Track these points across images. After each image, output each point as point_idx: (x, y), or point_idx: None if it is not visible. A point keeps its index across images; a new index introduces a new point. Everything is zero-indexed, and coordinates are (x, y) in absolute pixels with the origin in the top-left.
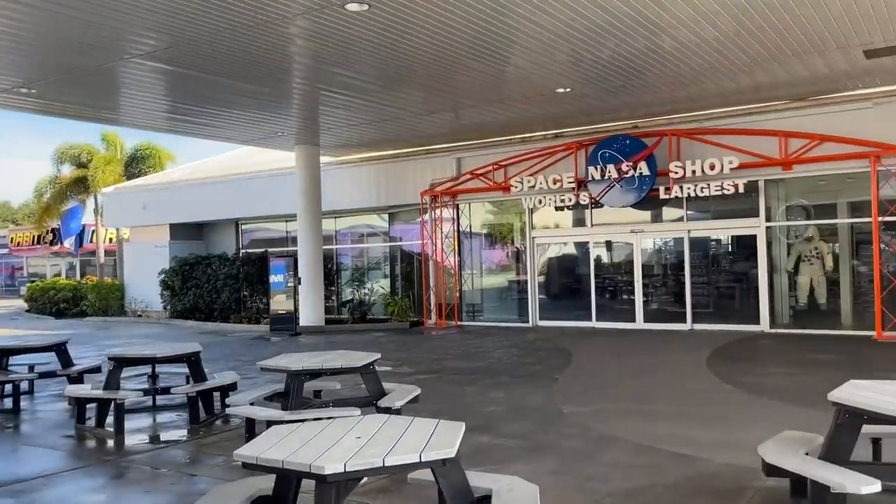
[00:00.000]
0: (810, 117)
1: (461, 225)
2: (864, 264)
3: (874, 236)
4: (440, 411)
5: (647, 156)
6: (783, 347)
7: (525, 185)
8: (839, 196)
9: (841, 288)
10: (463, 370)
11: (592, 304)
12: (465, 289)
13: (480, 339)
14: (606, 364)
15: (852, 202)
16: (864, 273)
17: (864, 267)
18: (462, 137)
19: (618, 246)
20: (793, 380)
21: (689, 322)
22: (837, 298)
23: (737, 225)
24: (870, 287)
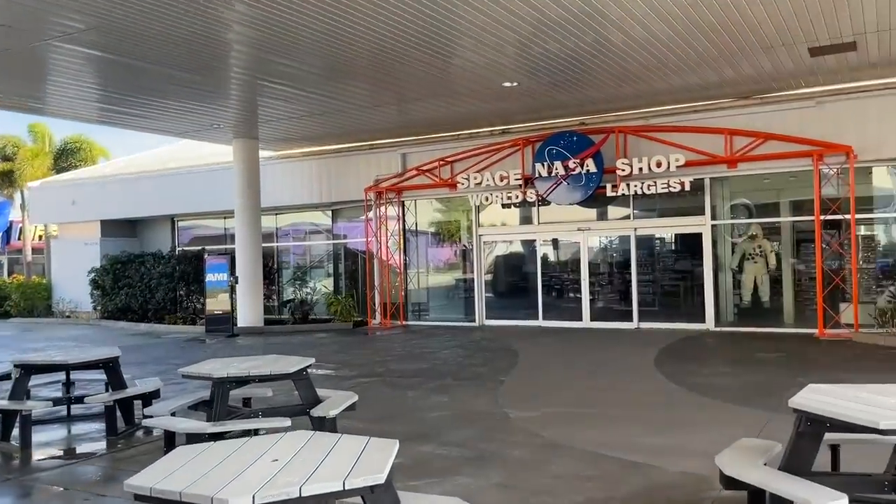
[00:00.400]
0: (755, 115)
1: (407, 222)
2: (806, 262)
3: (816, 235)
4: (380, 418)
5: (594, 153)
6: (728, 346)
7: (471, 181)
8: (783, 195)
9: (783, 286)
10: (406, 372)
11: (539, 302)
12: (411, 288)
13: (426, 340)
14: (553, 365)
15: (795, 201)
16: (806, 271)
17: (806, 265)
18: (408, 132)
19: (565, 244)
20: (740, 380)
21: (636, 321)
22: (780, 297)
23: (683, 223)
24: (811, 285)
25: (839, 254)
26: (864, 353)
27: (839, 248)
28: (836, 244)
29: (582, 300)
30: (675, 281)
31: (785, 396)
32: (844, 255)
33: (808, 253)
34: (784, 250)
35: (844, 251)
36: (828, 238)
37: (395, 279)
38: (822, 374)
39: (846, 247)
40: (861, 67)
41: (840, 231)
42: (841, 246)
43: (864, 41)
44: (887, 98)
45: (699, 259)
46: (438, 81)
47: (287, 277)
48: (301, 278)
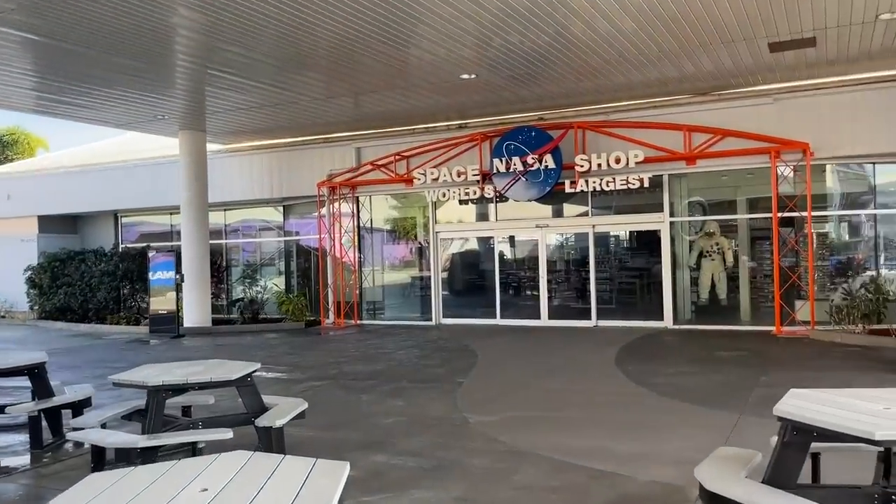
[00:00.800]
0: (713, 112)
1: (362, 219)
2: (762, 260)
3: (774, 232)
4: (332, 425)
5: (552, 148)
6: (688, 344)
7: (428, 177)
8: (740, 192)
9: (740, 284)
10: (360, 375)
11: (497, 301)
12: (366, 286)
13: (381, 340)
14: (513, 365)
15: (752, 198)
16: (762, 269)
17: (763, 263)
18: (362, 126)
19: (523, 241)
20: (703, 379)
21: (594, 319)
22: (737, 294)
23: (641, 220)
24: (767, 282)
25: (795, 251)
26: (822, 351)
27: (795, 246)
28: (792, 241)
29: (540, 298)
30: (633, 279)
31: (750, 397)
32: (801, 253)
33: (764, 250)
34: (741, 248)
35: (801, 248)
36: (785, 235)
37: (349, 277)
38: (784, 373)
39: (802, 244)
40: (819, 64)
41: (796, 229)
42: (797, 243)
43: (823, 37)
44: (843, 96)
45: (657, 256)
46: (395, 72)
47: (237, 276)
48: (251, 276)
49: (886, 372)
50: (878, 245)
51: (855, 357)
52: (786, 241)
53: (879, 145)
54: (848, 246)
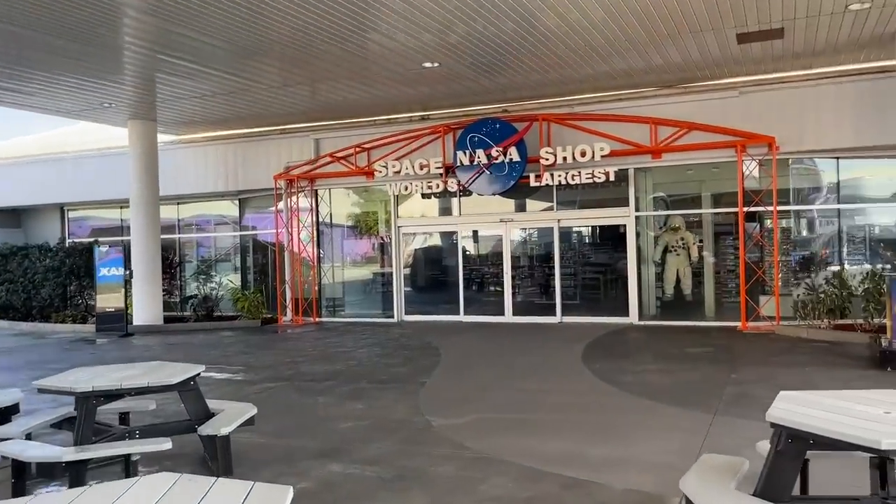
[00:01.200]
0: (679, 105)
1: (321, 213)
2: (727, 255)
3: (740, 227)
4: (285, 431)
5: (517, 141)
6: (655, 341)
7: (390, 169)
8: (706, 187)
9: (705, 279)
10: (318, 375)
11: (460, 297)
12: (326, 282)
13: (341, 337)
14: (478, 363)
15: (718, 193)
16: (727, 264)
17: (728, 258)
18: (321, 117)
19: (487, 236)
20: (673, 378)
21: (559, 315)
22: (702, 289)
23: (606, 215)
24: (731, 277)
25: (760, 246)
26: (789, 347)
27: (761, 240)
28: (758, 236)
29: (504, 294)
30: (599, 274)
31: (722, 395)
32: (765, 248)
33: (728, 245)
34: (706, 243)
35: (766, 243)
36: (750, 230)
37: (307, 273)
38: (753, 370)
39: (767, 239)
40: (785, 57)
41: (762, 223)
42: (763, 238)
43: (792, 27)
44: (808, 89)
45: (622, 251)
46: (355, 60)
47: (191, 272)
48: (206, 272)
49: (855, 367)
50: (841, 240)
51: (822, 353)
52: (751, 236)
53: (845, 140)
54: (810, 241)
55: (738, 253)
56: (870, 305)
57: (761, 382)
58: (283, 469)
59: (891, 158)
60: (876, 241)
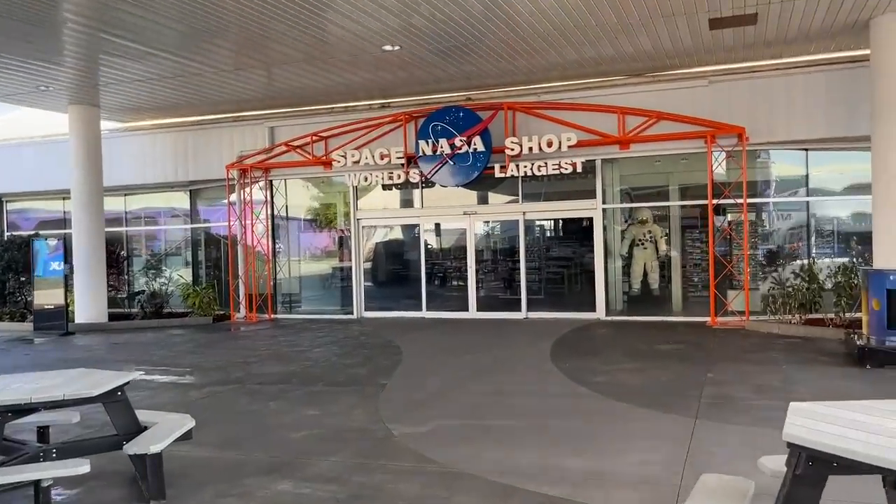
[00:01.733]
0: (648, 94)
1: (276, 205)
2: (696, 249)
3: (709, 220)
4: (230, 441)
5: (481, 130)
6: (623, 337)
7: (349, 159)
8: (675, 178)
9: (673, 273)
10: (270, 377)
11: (423, 292)
12: (281, 277)
13: (297, 335)
14: (441, 363)
15: (686, 185)
16: (695, 258)
17: (697, 252)
18: (277, 104)
19: (450, 230)
20: (647, 377)
21: (524, 310)
22: (669, 284)
23: (573, 207)
24: (698, 272)
25: (728, 239)
26: (762, 343)
27: (731, 233)
28: (727, 229)
29: (468, 289)
30: (565, 268)
31: (700, 397)
32: (733, 241)
33: (696, 239)
34: (674, 236)
35: (735, 237)
36: (718, 223)
37: (262, 268)
38: (729, 368)
39: (737, 232)
40: (756, 45)
41: (724, 216)
42: (732, 231)
43: (765, 13)
44: (779, 79)
45: (589, 245)
46: (312, 42)
47: (139, 266)
48: (156, 267)
49: (832, 365)
50: (809, 233)
51: (796, 349)
52: (720, 229)
53: (816, 130)
54: (778, 234)
55: (705, 247)
56: (841, 300)
57: (739, 382)
58: (225, 489)
59: (861, 151)
60: (845, 235)
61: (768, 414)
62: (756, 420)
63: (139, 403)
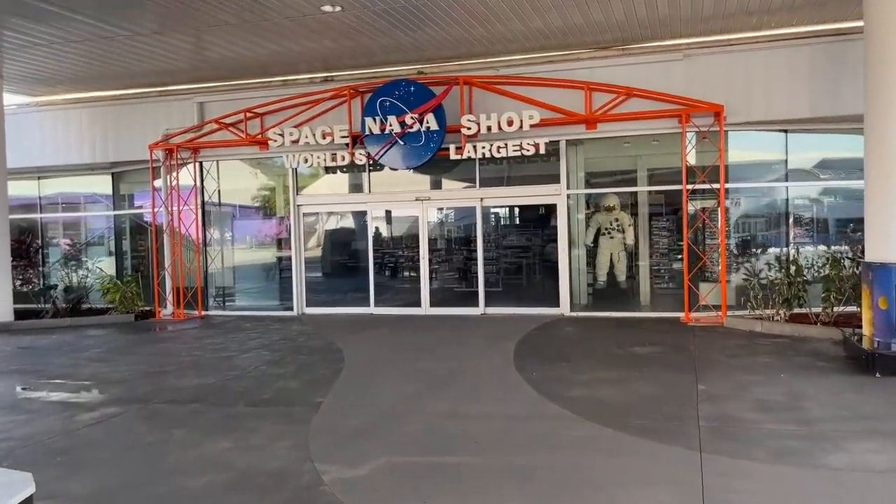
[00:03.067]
0: (616, 69)
1: (207, 189)
2: (664, 238)
3: (683, 206)
4: (107, 490)
5: (434, 106)
6: (593, 337)
7: (287, 138)
8: (644, 162)
9: (640, 264)
10: (183, 393)
11: (370, 286)
12: (214, 269)
13: (226, 337)
14: (388, 373)
15: (656, 169)
16: (664, 247)
17: (665, 240)
18: (206, 76)
19: (401, 217)
20: (630, 391)
21: (482, 305)
22: (637, 276)
23: (535, 193)
24: (664, 262)
25: (703, 228)
26: (747, 344)
27: (705, 221)
28: (703, 216)
29: (421, 282)
30: (525, 259)
31: (698, 418)
32: (709, 229)
33: (664, 228)
34: (642, 224)
35: (712, 224)
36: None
37: (191, 259)
38: (720, 378)
39: (712, 219)
40: (737, 14)
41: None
42: (708, 219)
43: None
44: (759, 53)
45: (552, 234)
46: (245, 1)
47: (56, 258)
48: (75, 258)
49: (836, 372)
50: (788, 221)
51: (787, 351)
52: (695, 216)
53: (798, 110)
54: (753, 222)
55: (674, 236)
56: (830, 294)
57: (737, 397)
58: None
59: (846, 133)
60: (823, 222)
61: (787, 444)
62: (775, 454)
63: (9, 432)
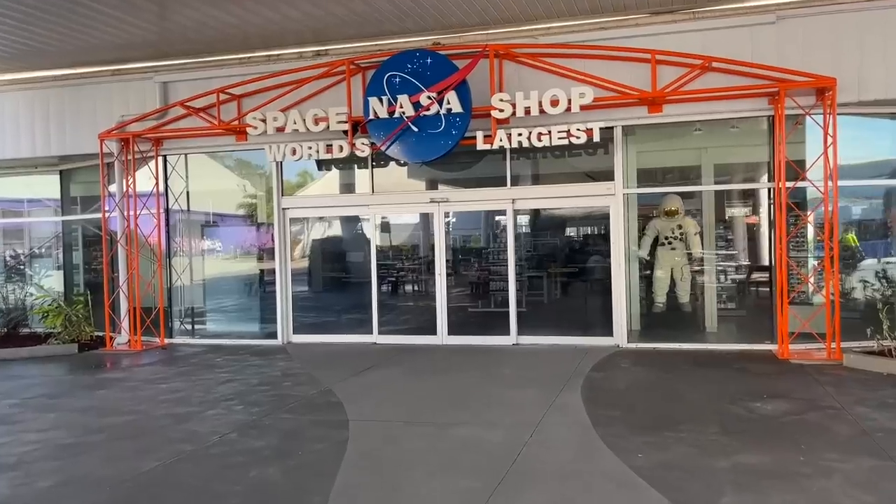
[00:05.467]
0: (688, 36)
1: (173, 189)
2: (749, 250)
3: (780, 209)
4: None
5: (457, 83)
6: (679, 382)
7: (270, 125)
8: (713, 155)
9: (705, 281)
10: (94, 492)
11: (373, 307)
12: (182, 285)
13: (190, 379)
14: (417, 449)
15: (729, 164)
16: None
17: (748, 254)
18: (173, 51)
19: (412, 223)
20: (813, 495)
21: (514, 333)
22: (703, 297)
23: (581, 192)
24: (735, 278)
25: (799, 236)
26: None
27: (806, 227)
28: (805, 219)
29: (436, 303)
30: (569, 275)
31: None
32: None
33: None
34: (708, 233)
35: (818, 232)
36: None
37: (152, 274)
38: None
39: (816, 226)
40: None
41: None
42: (808, 225)
43: None
44: (873, 14)
45: (603, 245)
46: None
47: None
48: (18, 272)
49: None
50: None
51: None
52: (797, 221)
53: None
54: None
55: (774, 246)
56: None
57: None
58: None
59: None
60: None
61: None
62: None
63: None
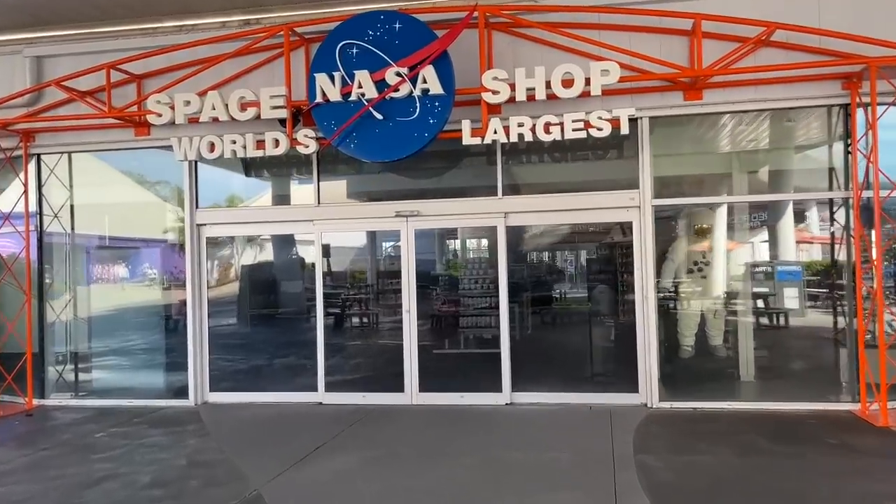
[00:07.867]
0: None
1: (50, 199)
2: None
3: (855, 222)
4: None
5: (437, 55)
6: (771, 470)
7: (179, 111)
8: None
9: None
10: None
11: (319, 353)
12: (56, 322)
13: (45, 472)
14: None
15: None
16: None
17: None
18: (52, 17)
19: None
20: None
21: (507, 389)
22: (739, 338)
23: (594, 204)
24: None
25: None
26: None
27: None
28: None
29: (404, 349)
30: (577, 311)
31: None
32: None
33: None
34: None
35: None
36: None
37: (14, 310)
38: None
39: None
40: None
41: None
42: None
43: None
44: None
45: (623, 271)
46: None
47: None
48: None
49: None
50: None
51: None
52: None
53: None
54: None
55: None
56: None
57: None
58: None
59: None
60: None
61: None
62: None
63: None
